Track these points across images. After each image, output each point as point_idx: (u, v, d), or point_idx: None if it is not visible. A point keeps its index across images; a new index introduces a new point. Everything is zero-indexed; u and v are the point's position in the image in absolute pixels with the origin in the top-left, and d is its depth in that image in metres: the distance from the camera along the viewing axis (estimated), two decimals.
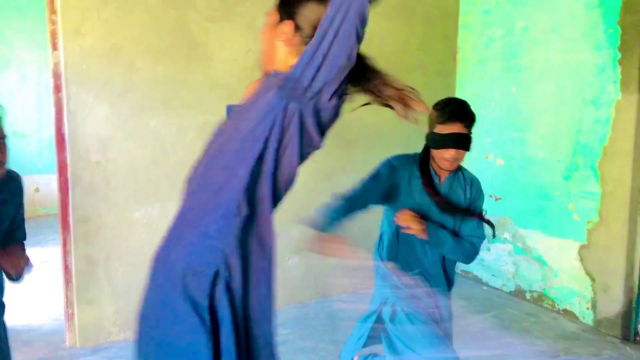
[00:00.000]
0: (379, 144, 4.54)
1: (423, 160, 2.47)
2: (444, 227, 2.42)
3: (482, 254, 4.87)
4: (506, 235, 4.65)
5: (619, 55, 3.74)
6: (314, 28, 1.41)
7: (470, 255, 2.42)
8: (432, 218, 2.41)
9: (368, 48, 5.02)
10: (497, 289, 4.76)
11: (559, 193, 4.18)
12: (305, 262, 4.36)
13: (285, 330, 3.86)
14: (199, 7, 3.75)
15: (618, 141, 3.77)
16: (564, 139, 4.14)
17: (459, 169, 2.49)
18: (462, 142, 2.33)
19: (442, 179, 2.47)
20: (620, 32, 3.73)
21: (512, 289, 4.63)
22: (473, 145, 2.41)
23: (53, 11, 3.39)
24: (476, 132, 2.50)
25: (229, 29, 3.87)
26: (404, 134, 4.08)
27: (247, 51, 3.95)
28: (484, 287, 4.82)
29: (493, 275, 4.81)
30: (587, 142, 3.97)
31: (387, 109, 1.66)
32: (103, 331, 3.60)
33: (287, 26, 1.52)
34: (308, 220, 2.33)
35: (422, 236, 2.35)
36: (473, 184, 2.48)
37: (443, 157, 2.36)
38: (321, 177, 4.36)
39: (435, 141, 2.36)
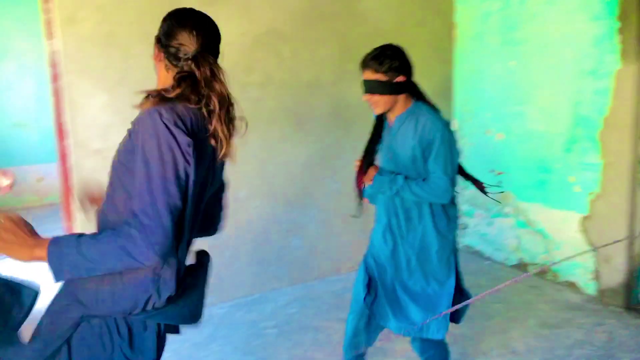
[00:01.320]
0: None
1: None
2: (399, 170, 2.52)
3: (485, 228, 4.90)
4: (508, 209, 4.67)
5: (618, 24, 3.71)
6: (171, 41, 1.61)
7: (435, 192, 2.40)
8: (387, 158, 2.57)
9: (365, 26, 5.02)
10: (500, 263, 4.79)
11: (560, 166, 4.19)
12: (308, 243, 4.39)
13: (291, 310, 3.91)
14: None
15: (618, 112, 3.77)
16: (563, 112, 4.13)
17: (415, 112, 2.46)
18: (371, 87, 2.44)
19: (392, 122, 2.55)
20: (619, 0, 3.70)
21: (515, 262, 4.66)
22: (395, 89, 2.43)
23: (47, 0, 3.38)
24: (476, 107, 2.54)
25: (224, 13, 3.85)
26: None
27: (242, 34, 3.94)
28: (487, 262, 4.86)
29: (496, 249, 4.83)
30: (586, 113, 3.97)
31: None
32: None
33: (156, 47, 1.69)
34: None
35: (368, 182, 2.56)
36: (423, 124, 2.40)
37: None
38: (320, 157, 4.37)
39: None
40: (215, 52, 1.73)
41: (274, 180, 4.19)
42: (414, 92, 2.52)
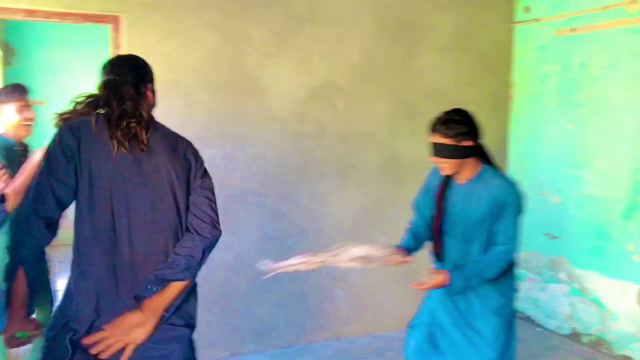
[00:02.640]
0: None
1: None
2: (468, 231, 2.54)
3: (537, 293, 4.72)
4: (562, 275, 4.50)
5: None
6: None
7: (503, 264, 2.49)
8: (454, 216, 2.57)
9: (420, 83, 5.06)
10: (551, 331, 4.59)
11: (618, 233, 4.03)
12: (352, 296, 4.33)
13: None
14: (256, 43, 3.87)
15: None
16: (622, 177, 4.01)
17: (485, 175, 2.54)
18: (439, 151, 2.47)
19: (461, 184, 2.57)
20: None
21: (568, 332, 4.45)
22: (462, 153, 2.47)
23: (117, 46, 3.56)
24: (531, 168, 2.58)
25: (283, 64, 3.97)
26: None
27: (300, 86, 4.04)
28: (538, 329, 4.66)
29: (547, 316, 4.64)
30: None
31: None
32: None
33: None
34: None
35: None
36: (496, 187, 2.49)
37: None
38: (370, 209, 4.36)
39: None
40: (126, 80, 1.92)
41: (321, 230, 4.19)
42: (482, 155, 2.58)
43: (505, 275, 2.56)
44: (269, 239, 4.01)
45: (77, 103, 1.90)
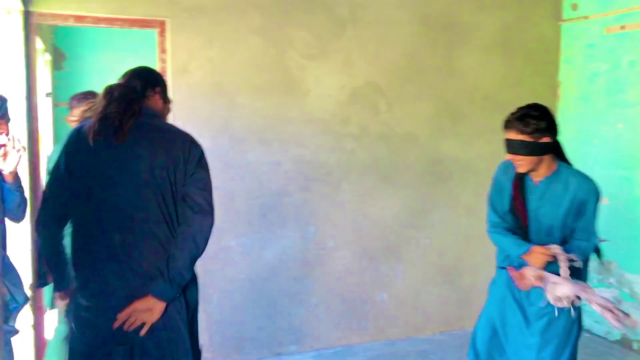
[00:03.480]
0: (472, 180, 4.45)
1: None
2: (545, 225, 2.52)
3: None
4: (611, 279, 4.37)
5: None
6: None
7: (587, 253, 2.54)
8: (532, 215, 2.53)
9: (463, 83, 5.01)
10: (600, 337, 4.46)
11: None
12: (394, 299, 4.31)
13: None
14: (298, 45, 3.90)
15: None
16: None
17: (563, 172, 2.52)
18: (515, 148, 2.42)
19: (537, 181, 2.53)
20: None
21: (617, 338, 4.32)
22: (541, 150, 2.43)
23: (163, 50, 3.64)
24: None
25: (324, 66, 3.98)
26: None
27: (342, 87, 4.04)
28: (586, 335, 4.53)
29: (596, 321, 4.51)
30: None
31: (480, 145, 1.82)
32: None
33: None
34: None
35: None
36: (576, 184, 2.48)
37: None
38: (411, 211, 4.32)
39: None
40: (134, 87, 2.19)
41: (363, 232, 4.18)
42: (558, 152, 2.54)
43: (579, 271, 2.54)
44: (310, 239, 4.02)
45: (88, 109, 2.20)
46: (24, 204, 2.59)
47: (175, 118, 3.60)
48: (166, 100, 2.29)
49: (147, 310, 2.03)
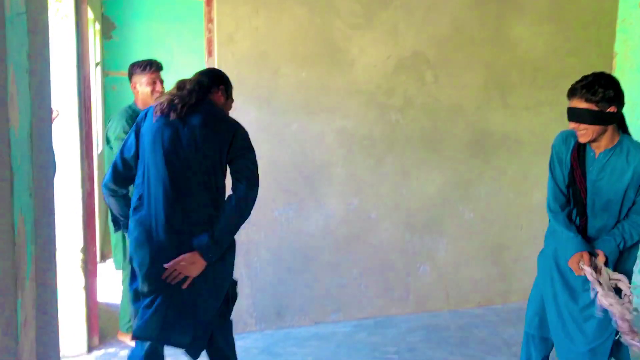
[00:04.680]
0: (520, 154, 4.35)
1: None
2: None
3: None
4: None
5: None
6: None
7: None
8: (593, 187, 2.50)
9: (513, 54, 4.86)
10: None
11: None
12: (436, 271, 4.30)
13: (414, 338, 3.84)
14: (343, 15, 3.85)
15: None
16: None
17: (626, 143, 2.47)
18: (580, 116, 2.38)
19: (597, 153, 2.49)
20: None
21: None
22: (606, 119, 2.39)
23: (210, 20, 3.66)
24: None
25: (370, 36, 3.93)
26: (547, 143, 3.87)
27: (388, 57, 3.99)
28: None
29: None
30: None
31: (530, 117, 1.79)
32: (241, 322, 3.81)
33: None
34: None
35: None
36: (635, 157, 2.43)
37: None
38: (456, 184, 4.27)
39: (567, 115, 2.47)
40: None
41: (406, 205, 4.16)
42: (621, 124, 2.50)
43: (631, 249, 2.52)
44: (353, 211, 4.03)
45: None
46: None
47: None
48: (228, 97, 2.62)
49: (191, 264, 2.32)
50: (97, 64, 5.81)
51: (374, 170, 4.06)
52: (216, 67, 3.61)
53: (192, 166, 2.34)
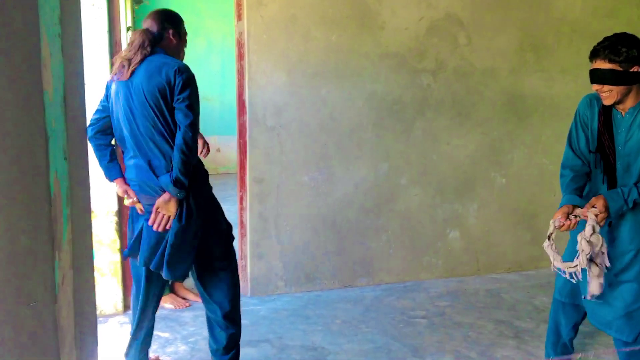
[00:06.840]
0: (555, 119, 4.26)
1: None
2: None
3: None
4: None
5: None
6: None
7: None
8: (619, 148, 2.44)
9: (548, 15, 4.72)
10: None
11: None
12: (465, 237, 4.28)
13: (442, 302, 3.85)
14: None
15: None
16: None
17: None
18: (603, 77, 2.34)
19: (624, 114, 2.44)
20: None
21: None
22: (630, 80, 2.33)
23: None
24: None
25: None
26: None
27: (420, 19, 3.91)
28: None
29: None
30: None
31: (566, 81, 1.69)
32: (271, 284, 3.88)
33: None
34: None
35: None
36: None
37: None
38: (488, 149, 4.22)
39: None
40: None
41: (436, 170, 4.13)
42: None
43: None
44: (382, 176, 4.02)
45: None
46: None
47: (250, 52, 3.62)
48: (181, 37, 2.65)
49: (166, 203, 2.48)
50: (128, 29, 5.82)
51: (404, 135, 4.03)
52: (245, 31, 3.60)
53: (149, 121, 2.47)
